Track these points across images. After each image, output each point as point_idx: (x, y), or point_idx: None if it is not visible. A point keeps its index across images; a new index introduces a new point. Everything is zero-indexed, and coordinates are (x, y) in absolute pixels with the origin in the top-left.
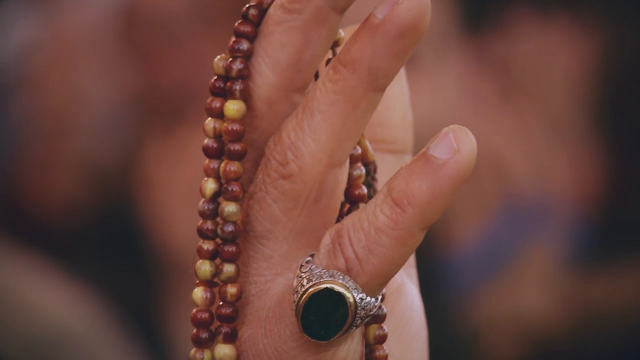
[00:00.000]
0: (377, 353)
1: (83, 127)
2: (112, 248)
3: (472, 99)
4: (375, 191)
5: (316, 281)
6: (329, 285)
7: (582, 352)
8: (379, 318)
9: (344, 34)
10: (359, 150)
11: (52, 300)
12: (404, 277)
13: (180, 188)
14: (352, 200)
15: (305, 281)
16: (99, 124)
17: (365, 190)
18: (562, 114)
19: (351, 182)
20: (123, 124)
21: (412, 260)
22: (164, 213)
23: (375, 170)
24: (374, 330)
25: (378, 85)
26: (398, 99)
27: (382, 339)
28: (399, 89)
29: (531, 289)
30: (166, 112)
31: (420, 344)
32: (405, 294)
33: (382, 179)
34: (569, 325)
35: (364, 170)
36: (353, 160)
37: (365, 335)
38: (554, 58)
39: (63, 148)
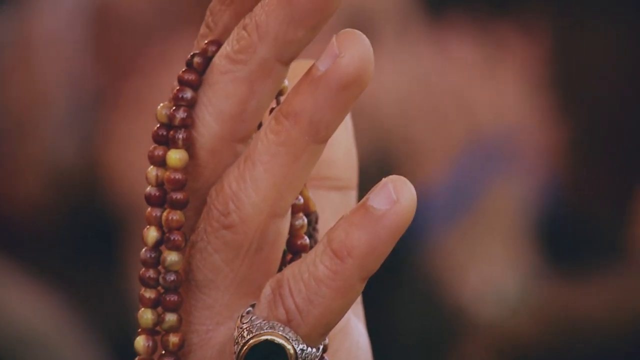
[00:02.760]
0: None
1: (46, 127)
2: (78, 246)
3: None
4: (316, 242)
5: (256, 332)
6: (269, 337)
7: None
8: None
9: (287, 82)
10: (301, 200)
11: (15, 300)
12: (350, 314)
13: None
14: (294, 251)
15: (245, 332)
16: (62, 124)
17: (307, 240)
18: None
19: (293, 232)
20: (87, 123)
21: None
22: (132, 204)
23: (316, 221)
24: None
25: (320, 137)
26: (341, 135)
27: None
28: (342, 125)
29: (498, 254)
30: (131, 110)
31: None
32: (351, 332)
33: (326, 216)
34: (543, 335)
35: (306, 220)
36: (295, 210)
37: None
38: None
39: (27, 148)
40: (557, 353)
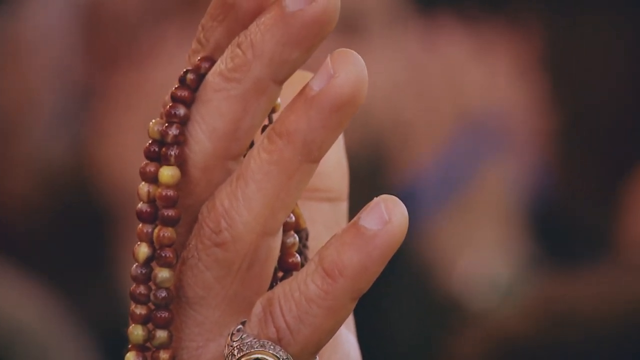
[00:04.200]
0: None
1: (37, 126)
2: (68, 243)
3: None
4: (306, 258)
5: (247, 351)
6: (259, 356)
7: (547, 356)
8: None
9: (280, 100)
10: (293, 218)
11: (5, 296)
12: (342, 326)
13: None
14: (285, 268)
15: (236, 350)
16: (52, 122)
17: (298, 258)
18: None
19: (284, 250)
20: (77, 120)
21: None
22: (122, 199)
23: (307, 238)
24: None
25: (313, 157)
26: (332, 147)
27: None
28: None
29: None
30: (121, 105)
31: None
32: (342, 344)
33: (317, 228)
34: (534, 328)
35: (297, 239)
36: (287, 228)
37: None
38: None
39: (17, 147)
40: (549, 346)
